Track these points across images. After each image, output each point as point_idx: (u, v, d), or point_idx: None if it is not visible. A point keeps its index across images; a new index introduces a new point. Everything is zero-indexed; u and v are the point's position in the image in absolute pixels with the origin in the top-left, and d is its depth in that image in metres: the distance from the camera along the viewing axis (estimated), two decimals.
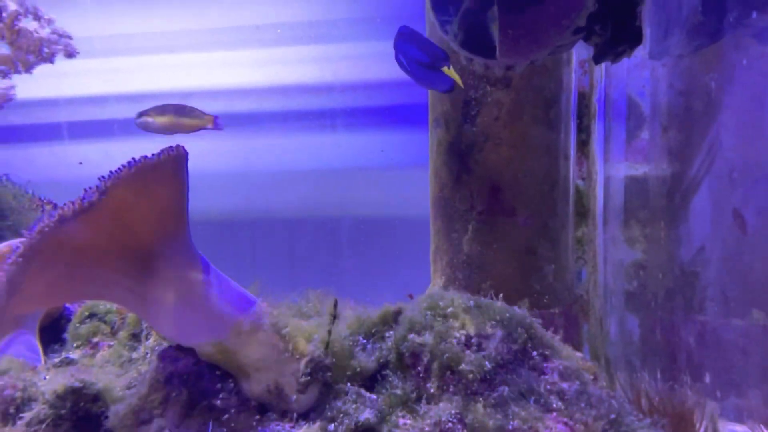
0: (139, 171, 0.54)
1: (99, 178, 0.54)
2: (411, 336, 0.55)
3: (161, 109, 1.38)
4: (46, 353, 0.93)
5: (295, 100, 2.35)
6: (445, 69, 1.02)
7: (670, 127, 1.29)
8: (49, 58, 1.07)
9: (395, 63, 1.04)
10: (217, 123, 1.50)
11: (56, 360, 0.86)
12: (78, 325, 0.92)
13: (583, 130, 1.59)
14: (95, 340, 0.89)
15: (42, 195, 1.34)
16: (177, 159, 0.57)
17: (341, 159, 2.35)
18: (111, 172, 0.55)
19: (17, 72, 1.06)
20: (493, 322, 0.55)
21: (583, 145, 1.59)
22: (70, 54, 1.08)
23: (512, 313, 0.58)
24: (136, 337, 0.85)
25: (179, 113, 1.42)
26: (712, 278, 0.71)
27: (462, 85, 0.98)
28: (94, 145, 2.27)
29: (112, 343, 0.88)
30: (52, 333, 0.98)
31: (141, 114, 1.39)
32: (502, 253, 1.28)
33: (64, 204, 0.52)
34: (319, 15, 2.28)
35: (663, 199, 1.31)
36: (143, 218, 0.56)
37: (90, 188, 0.53)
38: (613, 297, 1.50)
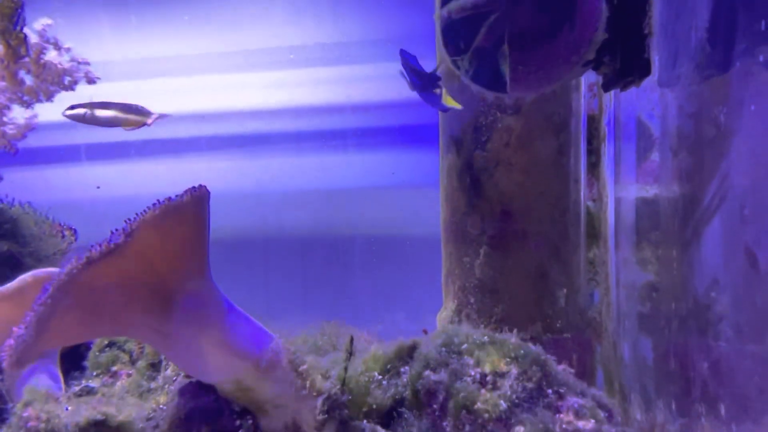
0: (162, 212, 0.56)
1: (125, 221, 0.56)
2: (426, 373, 0.56)
3: (104, 105, 1.37)
4: (66, 380, 0.95)
5: (307, 121, 2.38)
6: (445, 96, 1.04)
7: (680, 149, 1.29)
8: (71, 86, 1.11)
9: (405, 84, 1.06)
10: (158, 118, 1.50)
11: (77, 389, 0.88)
12: (98, 353, 0.94)
13: (593, 152, 1.60)
14: (114, 368, 0.91)
15: (61, 221, 1.38)
16: (199, 199, 0.59)
17: (353, 178, 2.37)
18: (136, 214, 0.57)
19: (39, 101, 1.10)
20: (508, 359, 0.56)
21: (593, 167, 1.60)
22: (91, 80, 1.12)
23: (527, 350, 0.59)
24: (154, 367, 0.86)
25: (125, 110, 1.43)
26: (726, 312, 0.72)
27: (459, 107, 0.99)
28: (111, 166, 2.33)
29: (131, 372, 0.90)
30: (72, 360, 1.00)
31: (74, 107, 1.34)
32: (514, 277, 1.28)
33: (92, 246, 0.54)
34: (331, 37, 2.32)
35: (674, 221, 1.31)
36: (166, 258, 0.58)
37: (116, 230, 0.55)
38: (626, 320, 1.49)
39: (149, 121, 1.43)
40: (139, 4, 2.24)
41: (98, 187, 2.11)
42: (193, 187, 0.61)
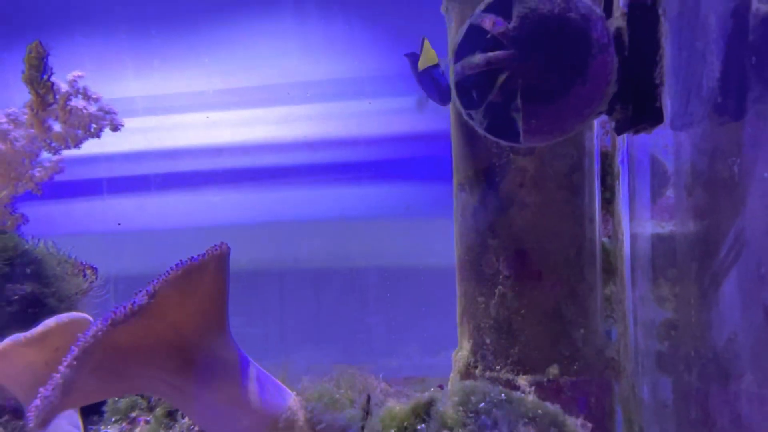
0: (185, 272, 0.58)
1: (148, 282, 0.58)
2: None
3: None
4: (85, 426, 0.96)
5: (320, 154, 2.42)
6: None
7: (694, 187, 1.29)
8: (96, 133, 1.14)
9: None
10: None
11: None
12: (117, 399, 0.95)
13: (608, 189, 1.60)
14: (133, 415, 0.92)
15: (82, 259, 1.40)
16: (221, 257, 0.61)
17: (366, 210, 2.39)
18: (159, 275, 0.59)
19: (67, 147, 1.14)
20: (526, 420, 0.56)
21: (608, 203, 1.60)
22: (116, 128, 1.16)
23: (544, 409, 0.59)
24: (171, 416, 0.87)
25: None
26: (746, 366, 0.71)
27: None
28: (132, 200, 2.38)
29: (149, 419, 0.90)
30: (92, 405, 1.01)
31: None
32: (530, 318, 1.28)
33: (116, 308, 0.56)
34: (344, 73, 2.37)
35: (692, 260, 1.30)
36: (187, 316, 0.59)
37: (140, 291, 0.57)
38: (645, 359, 1.47)
39: None
40: (161, 45, 2.32)
41: (119, 224, 2.16)
42: (215, 246, 0.63)
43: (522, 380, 1.28)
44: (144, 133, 2.26)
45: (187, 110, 2.47)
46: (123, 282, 1.66)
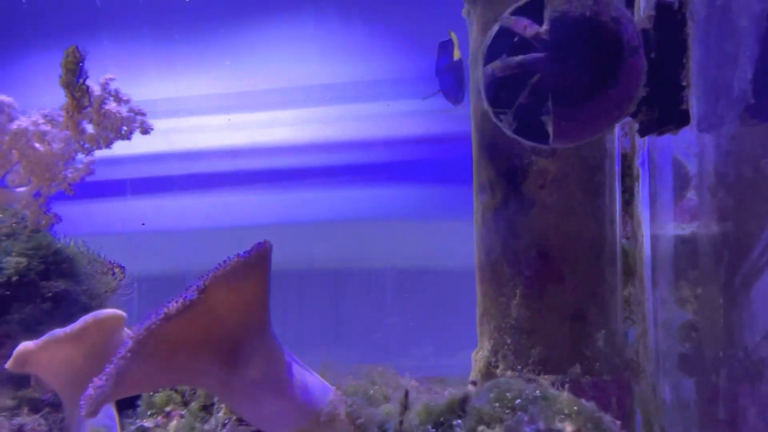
0: (232, 269, 0.60)
1: (199, 277, 0.60)
2: (481, 428, 0.57)
3: None
4: (120, 419, 0.99)
5: (337, 156, 2.44)
6: None
7: (718, 188, 1.30)
8: (127, 135, 1.17)
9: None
10: None
11: (132, 429, 0.91)
12: (151, 393, 0.97)
13: (626, 191, 1.60)
14: (168, 409, 0.94)
15: (110, 258, 1.43)
16: (265, 254, 0.63)
17: (382, 211, 2.41)
18: (209, 271, 0.61)
19: (98, 148, 1.17)
20: (562, 416, 0.57)
21: (626, 205, 1.60)
22: (146, 131, 1.18)
23: (580, 406, 0.60)
24: (206, 409, 0.89)
25: None
26: None
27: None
28: (153, 200, 2.41)
29: (183, 413, 0.92)
30: (126, 399, 1.03)
31: None
32: (551, 318, 1.28)
33: (168, 302, 0.58)
34: (362, 76, 2.40)
35: (716, 262, 1.31)
36: (233, 311, 0.61)
37: (190, 287, 0.59)
38: (666, 360, 1.47)
39: None
40: (184, 49, 2.35)
41: (143, 224, 2.19)
42: (259, 243, 0.65)
43: (544, 380, 1.29)
44: (166, 134, 2.29)
45: (208, 112, 2.51)
46: (145, 282, 1.69)
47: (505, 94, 0.83)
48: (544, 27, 0.74)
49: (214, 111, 2.51)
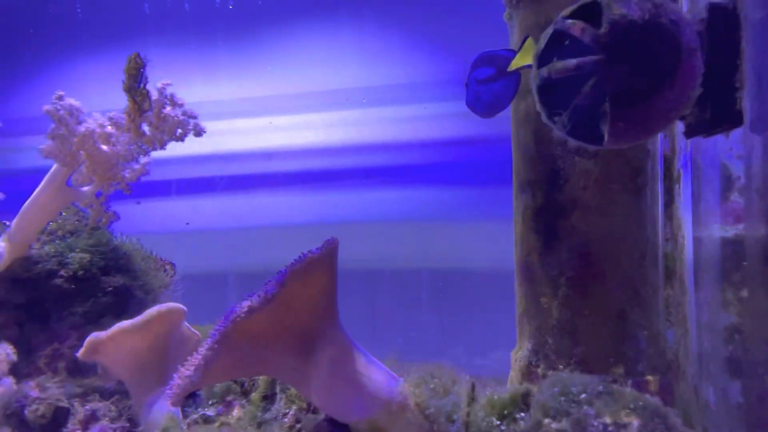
0: (306, 264, 0.63)
1: (277, 273, 0.63)
2: (546, 421, 0.59)
3: None
4: (182, 408, 1.03)
5: (374, 158, 2.47)
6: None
7: (766, 190, 1.29)
8: (182, 138, 1.22)
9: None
10: None
11: (195, 417, 0.95)
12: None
13: (667, 192, 1.60)
14: (229, 398, 0.98)
15: (161, 255, 1.49)
16: (333, 250, 0.66)
17: (418, 211, 2.43)
18: (285, 267, 0.64)
19: (154, 149, 1.22)
20: (628, 411, 0.59)
21: (666, 206, 1.60)
22: (199, 133, 1.23)
23: (645, 401, 0.61)
24: (267, 399, 0.93)
25: None
26: None
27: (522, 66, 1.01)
28: (199, 200, 2.48)
29: (242, 403, 0.96)
30: None
31: None
32: (594, 319, 1.29)
33: (250, 296, 0.61)
34: (399, 78, 2.42)
35: (760, 262, 1.29)
36: (306, 304, 0.64)
37: (270, 281, 0.62)
38: (710, 362, 1.46)
39: None
40: (226, 53, 2.41)
41: (187, 223, 2.25)
42: (328, 240, 0.68)
43: None
44: (208, 136, 2.36)
45: (248, 115, 2.56)
46: (188, 279, 1.74)
47: (559, 95, 0.84)
48: (602, 30, 0.76)
49: (254, 114, 2.57)
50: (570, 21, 0.80)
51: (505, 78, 1.03)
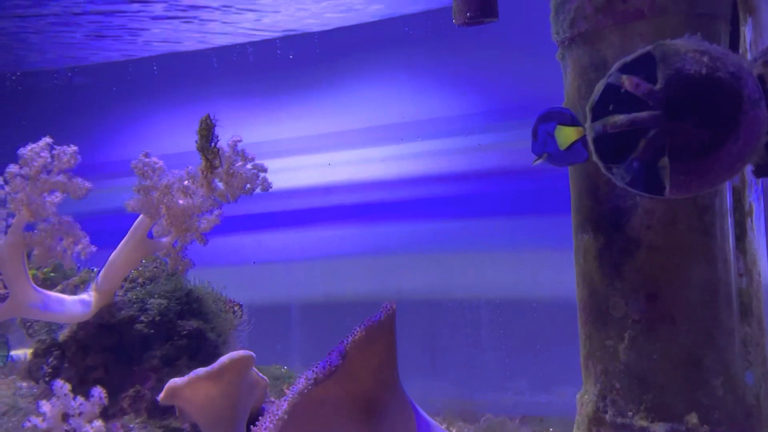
0: (367, 332, 0.66)
1: (340, 342, 0.67)
2: None
3: None
4: None
5: (425, 189, 2.51)
6: (567, 131, 1.07)
7: None
8: (250, 192, 1.30)
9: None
10: None
11: None
12: None
13: (738, 226, 1.53)
14: None
15: (229, 293, 1.57)
16: (392, 317, 0.69)
17: (474, 243, 2.43)
18: (347, 337, 0.67)
19: (227, 202, 1.30)
20: None
21: (738, 241, 1.52)
22: (266, 188, 1.31)
23: None
24: None
25: None
26: None
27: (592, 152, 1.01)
28: (267, 234, 2.61)
29: None
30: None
31: None
32: (664, 363, 1.24)
33: (315, 368, 0.65)
34: (450, 111, 2.46)
35: None
36: (369, 371, 0.67)
37: (332, 352, 0.66)
38: None
39: None
40: (287, 92, 2.55)
41: (254, 262, 2.37)
42: (386, 306, 0.71)
43: (657, 427, 1.24)
44: (271, 173, 2.49)
45: (306, 152, 2.68)
46: (252, 310, 1.82)
47: (616, 147, 0.84)
48: (658, 86, 0.76)
49: (313, 151, 2.68)
50: (623, 75, 0.80)
51: (573, 151, 1.04)
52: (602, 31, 1.23)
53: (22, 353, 1.59)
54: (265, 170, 1.29)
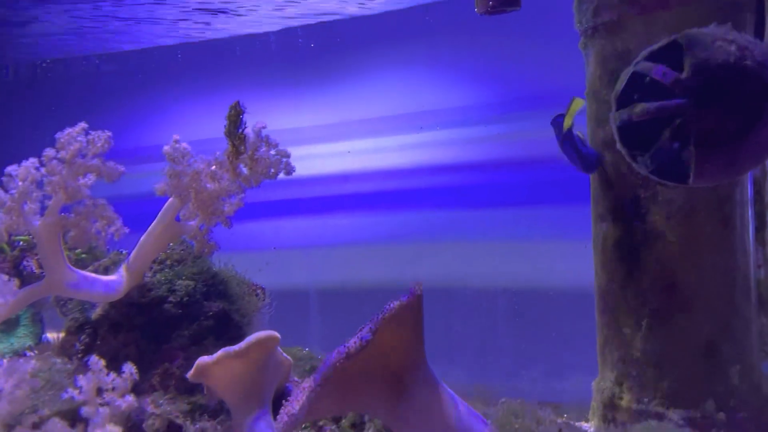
0: (396, 311, 0.69)
1: (370, 319, 0.69)
2: None
3: None
4: None
5: (449, 178, 2.53)
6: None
7: None
8: (274, 177, 1.33)
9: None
10: None
11: None
12: None
13: (757, 217, 1.52)
14: (320, 424, 1.06)
15: (252, 277, 1.60)
16: (419, 298, 0.71)
17: (491, 232, 2.45)
18: (377, 314, 0.70)
19: (250, 187, 1.33)
20: None
21: (758, 232, 1.52)
22: (289, 172, 1.34)
23: None
24: (356, 427, 0.99)
25: None
26: None
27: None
28: (289, 221, 2.66)
29: (333, 428, 1.03)
30: (278, 408, 1.17)
31: None
32: (681, 352, 1.26)
33: (348, 342, 0.68)
34: (467, 101, 2.47)
35: None
36: (395, 349, 0.70)
37: (363, 328, 0.69)
38: None
39: None
40: (308, 80, 2.57)
41: (274, 248, 2.41)
42: (411, 288, 0.73)
43: (673, 414, 1.26)
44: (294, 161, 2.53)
45: (326, 140, 2.71)
46: (273, 295, 1.86)
47: (641, 136, 0.85)
48: (685, 74, 0.77)
49: (333, 139, 2.71)
50: (649, 63, 0.81)
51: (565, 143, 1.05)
52: (626, 20, 1.23)
53: (55, 336, 1.65)
54: (288, 155, 1.31)
